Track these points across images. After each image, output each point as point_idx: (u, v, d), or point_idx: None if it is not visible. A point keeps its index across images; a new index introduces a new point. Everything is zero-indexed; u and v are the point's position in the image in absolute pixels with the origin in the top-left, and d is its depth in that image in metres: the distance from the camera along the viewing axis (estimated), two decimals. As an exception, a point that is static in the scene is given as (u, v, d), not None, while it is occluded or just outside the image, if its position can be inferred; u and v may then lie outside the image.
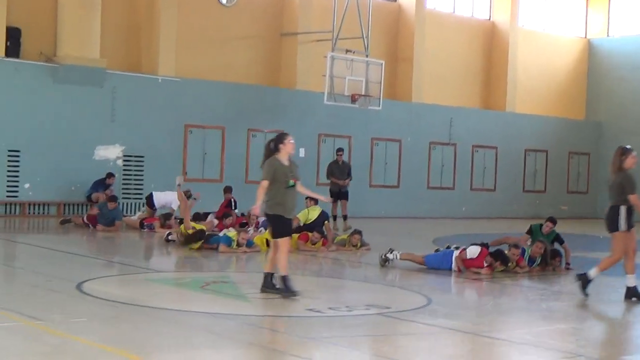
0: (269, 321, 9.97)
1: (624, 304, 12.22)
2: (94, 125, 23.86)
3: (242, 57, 27.27)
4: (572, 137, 35.15)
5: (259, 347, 8.49)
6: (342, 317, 10.36)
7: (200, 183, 25.35)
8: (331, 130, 28.40)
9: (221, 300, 11.61)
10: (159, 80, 24.93)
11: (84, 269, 14.24)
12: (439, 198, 31.11)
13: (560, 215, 33.48)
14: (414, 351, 8.82)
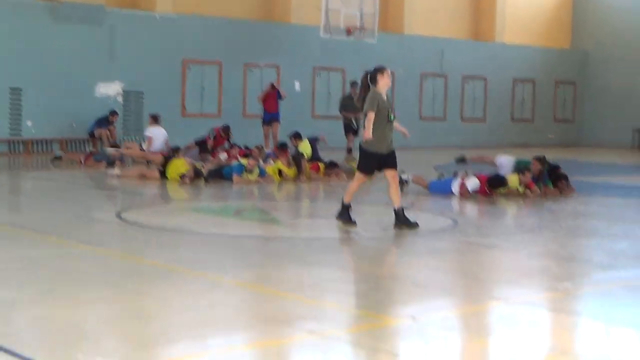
0: (315, 243, 10.43)
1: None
2: (93, 62, 24.06)
3: (236, -8, 27.44)
4: (559, 66, 35.68)
5: (319, 265, 8.97)
6: (381, 238, 10.91)
7: (198, 118, 25.73)
8: (325, 64, 28.74)
9: (259, 225, 12.13)
10: (157, 17, 25.11)
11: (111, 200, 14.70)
12: (431, 128, 31.63)
13: (548, 143, 34.26)
14: (465, 264, 9.37)
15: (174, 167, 16.88)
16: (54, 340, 6.01)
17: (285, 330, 6.39)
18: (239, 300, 7.49)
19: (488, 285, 8.17)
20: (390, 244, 10.65)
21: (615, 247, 10.57)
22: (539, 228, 12.46)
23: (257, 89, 26.65)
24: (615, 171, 23.61)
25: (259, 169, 17.25)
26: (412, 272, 8.85)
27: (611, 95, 35.64)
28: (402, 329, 6.62)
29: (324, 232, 11.36)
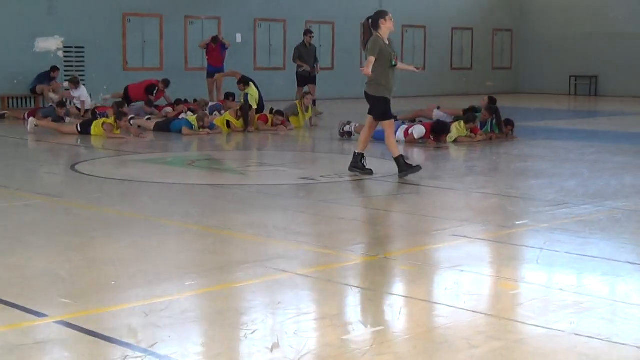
0: (274, 189, 10.57)
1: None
2: (31, 17, 23.70)
3: (174, -57, 27.18)
4: (496, 14, 36.01)
5: (282, 210, 9.13)
6: (338, 183, 11.08)
7: (140, 72, 25.52)
8: (266, 15, 28.67)
9: (215, 174, 12.23)
10: (95, -31, 24.81)
11: (63, 154, 14.67)
12: (372, 78, 31.74)
13: (487, 91, 34.64)
14: (423, 205, 9.60)
15: (97, 125, 16.68)
16: (32, 286, 6.08)
17: (257, 270, 6.52)
18: (209, 244, 7.62)
19: (448, 223, 8.39)
20: (347, 188, 10.82)
21: (565, 186, 10.89)
22: (489, 170, 12.76)
23: (199, 41, 26.49)
24: (554, 116, 24.09)
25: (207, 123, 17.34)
26: (373, 214, 9.05)
27: (548, 42, 36.11)
28: (373, 266, 6.81)
29: (280, 179, 11.52)
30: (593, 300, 5.90)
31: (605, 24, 34.49)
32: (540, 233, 8.06)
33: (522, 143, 16.03)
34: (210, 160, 13.70)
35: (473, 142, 15.70)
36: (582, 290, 6.21)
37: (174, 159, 13.90)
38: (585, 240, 7.78)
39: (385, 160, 13.47)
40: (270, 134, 17.49)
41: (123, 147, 14.92)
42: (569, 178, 11.57)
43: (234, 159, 14.25)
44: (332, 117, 20.96)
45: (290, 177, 11.66)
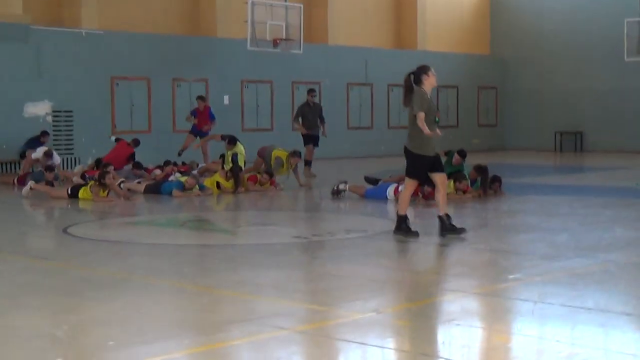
0: (266, 248, 10.60)
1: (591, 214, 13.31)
2: (21, 82, 23.80)
3: (161, 7, 27.48)
4: (480, 72, 36.40)
5: (276, 268, 9.15)
6: (330, 241, 11.12)
7: (129, 134, 25.62)
8: (253, 77, 28.91)
9: (207, 234, 12.25)
10: (83, 34, 25.01)
11: (55, 217, 14.69)
12: (359, 138, 32.01)
13: (473, 148, 34.89)
14: (417, 261, 9.65)
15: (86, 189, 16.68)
16: (30, 347, 6.07)
17: (253, 328, 6.53)
18: (204, 302, 7.62)
19: (442, 278, 8.44)
20: (339, 246, 10.85)
21: (556, 239, 10.96)
22: (480, 226, 12.82)
23: (186, 104, 26.73)
24: (541, 172, 24.24)
25: (197, 184, 17.39)
26: (367, 270, 9.07)
27: (531, 99, 36.48)
28: (369, 321, 6.82)
29: (271, 238, 11.55)
30: (589, 351, 5.93)
31: (588, 80, 34.90)
32: (534, 286, 8.10)
33: (511, 199, 16.13)
34: (202, 221, 13.72)
35: (462, 199, 15.78)
36: (577, 341, 6.25)
37: (166, 220, 13.93)
38: (579, 292, 7.82)
39: (376, 217, 13.55)
40: (260, 194, 17.54)
41: (114, 210, 14.94)
42: (559, 232, 11.64)
43: (225, 219, 14.30)
44: (319, 177, 21.07)
45: (282, 235, 11.70)
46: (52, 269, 9.21)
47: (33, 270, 9.12)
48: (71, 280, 8.61)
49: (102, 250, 10.52)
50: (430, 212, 14.39)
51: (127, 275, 8.71)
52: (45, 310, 7.24)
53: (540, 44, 36.16)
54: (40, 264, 9.45)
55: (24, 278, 8.67)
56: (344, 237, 11.36)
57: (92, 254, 10.19)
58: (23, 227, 12.99)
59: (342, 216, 14.32)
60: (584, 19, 34.94)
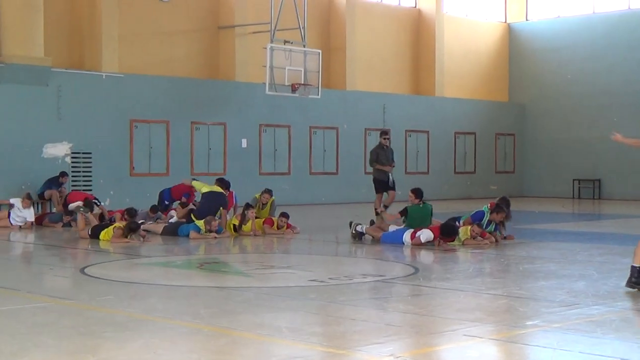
0: (283, 291, 10.59)
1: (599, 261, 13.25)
2: (41, 123, 24.06)
3: (181, 51, 27.78)
4: (498, 118, 36.48)
5: (292, 311, 9.15)
6: (347, 285, 11.11)
7: (147, 177, 25.80)
8: (271, 120, 29.06)
9: (223, 276, 12.26)
10: (102, 77, 25.26)
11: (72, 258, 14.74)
12: (376, 183, 32.00)
13: (490, 194, 34.83)
14: (434, 306, 9.60)
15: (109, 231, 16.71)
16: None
17: (271, 370, 6.52)
18: (221, 344, 7.61)
19: (459, 324, 8.39)
20: (356, 290, 10.83)
21: (575, 286, 10.89)
22: (497, 271, 12.77)
23: (205, 147, 26.97)
24: (559, 219, 24.16)
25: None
26: (384, 314, 9.04)
27: (549, 146, 36.50)
28: (386, 366, 6.80)
29: (289, 281, 11.55)
30: (610, 398, 5.88)
31: (606, 128, 34.86)
32: (553, 333, 8.05)
33: (529, 245, 16.11)
34: (218, 263, 13.74)
35: (480, 245, 15.74)
36: (598, 388, 6.19)
37: (183, 262, 13.95)
38: (598, 340, 7.77)
39: (393, 262, 13.53)
40: (277, 238, 17.56)
41: (131, 251, 14.97)
42: (578, 279, 11.58)
43: (242, 262, 14.31)
44: (336, 220, 21.06)
45: (299, 279, 11.70)
46: (69, 309, 9.22)
47: (50, 310, 9.13)
48: (88, 320, 8.61)
49: (119, 291, 10.53)
50: (448, 256, 14.37)
51: (144, 316, 8.70)
52: (63, 350, 7.23)
53: (559, 92, 36.26)
54: (57, 304, 9.46)
55: (41, 318, 8.68)
56: (361, 281, 11.35)
57: (109, 294, 10.19)
58: (40, 267, 13.04)
59: (359, 260, 14.30)
60: (603, 68, 35.04)
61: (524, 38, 37.61)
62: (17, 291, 10.38)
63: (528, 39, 37.49)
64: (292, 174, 29.59)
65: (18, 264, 13.85)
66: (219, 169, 27.41)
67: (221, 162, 27.68)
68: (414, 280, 11.57)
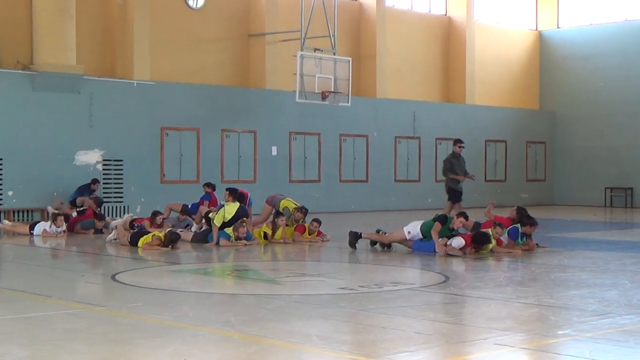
0: (313, 298, 10.59)
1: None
2: (73, 131, 24.25)
3: (212, 58, 27.89)
4: (529, 126, 36.32)
5: (322, 319, 9.15)
6: (377, 293, 11.09)
7: (178, 184, 25.91)
8: (301, 128, 29.11)
9: (254, 284, 12.28)
10: (134, 85, 25.41)
11: (103, 264, 14.83)
12: (406, 190, 32.00)
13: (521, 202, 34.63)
14: (465, 315, 9.56)
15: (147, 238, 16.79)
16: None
17: (302, 378, 6.52)
18: (251, 352, 7.61)
19: (489, 333, 8.35)
20: (387, 298, 10.81)
21: (606, 296, 10.81)
22: (528, 280, 12.69)
23: (235, 154, 27.07)
24: (591, 228, 24.00)
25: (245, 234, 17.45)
26: (414, 322, 9.01)
27: (581, 154, 36.28)
28: (417, 374, 6.78)
29: (318, 289, 11.54)
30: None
31: (637, 135, 34.63)
32: (584, 343, 7.99)
33: (560, 253, 16.02)
34: (249, 271, 13.76)
35: (512, 252, 15.67)
36: (630, 399, 6.14)
37: (213, 269, 13.99)
38: (630, 349, 7.70)
39: (423, 270, 13.49)
40: (307, 245, 17.56)
41: (161, 258, 15.04)
42: (610, 288, 11.50)
43: (272, 269, 14.32)
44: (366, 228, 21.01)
45: (329, 287, 11.70)
46: (100, 315, 9.26)
47: (82, 317, 9.18)
48: (119, 327, 8.65)
49: (150, 298, 10.57)
50: (480, 265, 14.31)
51: (174, 323, 8.73)
52: (94, 357, 7.27)
53: (591, 99, 36.05)
54: (89, 311, 9.51)
55: (73, 324, 8.72)
56: (391, 289, 11.33)
57: (140, 301, 10.24)
58: (72, 274, 13.11)
59: (389, 268, 14.27)
60: (635, 75, 34.83)
61: (555, 45, 37.44)
62: (49, 298, 10.45)
63: (559, 46, 37.32)
64: (322, 181, 29.61)
65: (50, 270, 13.95)
66: (249, 177, 27.50)
67: (251, 169, 27.76)
68: (445, 288, 11.54)
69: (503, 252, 15.67)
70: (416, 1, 33.77)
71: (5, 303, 10.10)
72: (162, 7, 26.68)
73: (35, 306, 9.84)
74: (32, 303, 10.08)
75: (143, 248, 16.19)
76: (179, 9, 27.20)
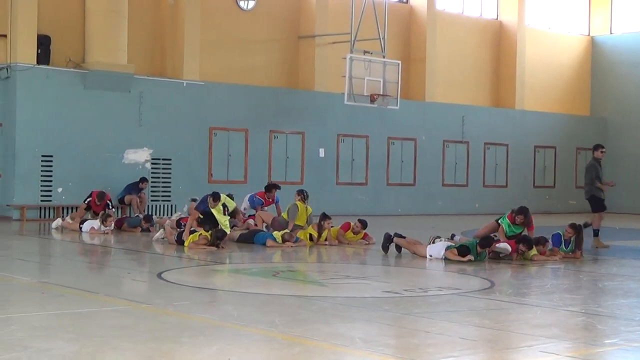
0: (358, 301, 10.57)
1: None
2: (122, 129, 24.47)
3: (261, 60, 27.96)
4: (579, 133, 35.94)
5: (367, 322, 9.13)
6: (422, 297, 11.05)
7: (225, 184, 25.95)
8: (349, 131, 29.10)
9: (298, 285, 12.30)
10: (183, 85, 25.57)
11: (149, 262, 14.94)
12: (453, 195, 31.85)
13: (569, 209, 34.35)
14: (510, 321, 9.49)
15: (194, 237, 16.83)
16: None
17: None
18: (295, 353, 7.61)
19: (535, 340, 8.27)
20: (431, 302, 10.76)
21: (656, 306, 10.67)
22: (575, 288, 12.57)
23: (282, 156, 27.15)
24: None
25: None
26: (459, 327, 8.96)
27: (632, 160, 35.84)
28: (460, 380, 6.73)
29: (363, 292, 11.53)
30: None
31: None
32: (632, 352, 7.89)
33: (609, 262, 15.86)
34: (294, 272, 13.79)
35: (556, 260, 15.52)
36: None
37: (258, 269, 14.04)
38: (679, 360, 7.58)
39: (469, 275, 13.41)
40: (352, 248, 17.55)
41: (207, 257, 15.11)
42: (659, 298, 11.33)
43: (317, 271, 14.32)
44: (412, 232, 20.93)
45: (373, 290, 11.68)
46: (145, 313, 9.32)
47: (127, 314, 9.25)
48: (164, 325, 8.69)
49: (195, 296, 10.63)
50: (526, 271, 14.19)
51: (219, 323, 8.76)
52: (139, 354, 7.31)
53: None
54: (134, 308, 9.58)
55: (118, 321, 8.79)
56: (436, 294, 11.28)
57: (185, 300, 10.29)
58: (118, 271, 13.23)
59: (435, 273, 14.21)
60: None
61: (607, 51, 37.03)
62: (95, 294, 10.55)
63: (611, 52, 36.91)
64: (369, 184, 29.58)
65: (97, 267, 14.09)
66: (296, 178, 27.55)
67: (298, 171, 27.81)
68: (490, 294, 11.46)
69: (544, 259, 15.50)
70: (467, 5, 33.58)
71: (52, 298, 10.21)
72: (213, 7, 26.82)
73: (82, 302, 9.93)
74: (79, 299, 10.17)
75: (189, 247, 16.28)
76: (230, 10, 27.33)
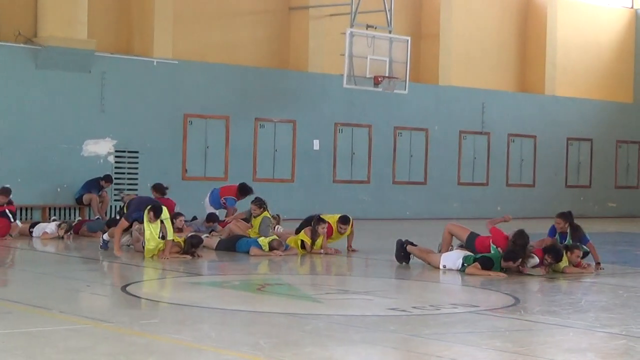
0: (358, 320, 10.60)
1: None
2: (81, 116, 24.49)
3: (246, 35, 27.99)
4: (620, 123, 36.02)
5: (368, 344, 9.15)
6: (433, 316, 11.08)
7: (202, 181, 26.02)
8: (349, 119, 29.14)
9: (287, 301, 12.33)
10: (154, 64, 25.61)
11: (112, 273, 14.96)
12: (471, 195, 31.92)
13: (608, 213, 34.44)
14: (537, 345, 9.53)
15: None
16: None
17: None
18: (283, 381, 7.64)
19: (567, 367, 8.32)
20: (444, 322, 10.79)
21: None
22: (614, 305, 12.60)
23: (270, 148, 27.14)
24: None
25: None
26: (477, 352, 8.99)
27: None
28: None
29: (365, 309, 11.56)
30: None
31: None
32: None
33: None
34: (282, 285, 13.81)
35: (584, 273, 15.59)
36: None
37: (241, 282, 14.06)
38: None
39: (489, 290, 13.45)
40: (351, 257, 17.58)
41: (180, 267, 15.12)
42: None
43: (310, 284, 14.34)
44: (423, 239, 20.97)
45: (377, 307, 11.70)
46: (107, 333, 9.33)
47: (86, 334, 9.26)
48: (130, 347, 8.71)
49: (166, 314, 10.66)
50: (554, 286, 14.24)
51: (194, 345, 8.77)
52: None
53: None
54: (94, 327, 9.59)
55: (75, 342, 8.80)
56: (450, 312, 11.31)
57: (154, 318, 10.32)
58: (76, 283, 13.21)
59: (449, 287, 14.24)
60: None
61: (654, 27, 37.14)
62: (48, 310, 10.55)
63: (659, 28, 37.02)
64: (372, 182, 29.62)
65: (50, 279, 14.05)
66: (286, 175, 27.61)
67: (289, 166, 27.85)
68: (514, 312, 11.49)
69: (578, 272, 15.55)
70: (489, -29, 33.63)
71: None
72: (189, -27, 26.85)
73: (33, 320, 9.93)
74: (29, 316, 10.17)
75: (160, 256, 16.29)
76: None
